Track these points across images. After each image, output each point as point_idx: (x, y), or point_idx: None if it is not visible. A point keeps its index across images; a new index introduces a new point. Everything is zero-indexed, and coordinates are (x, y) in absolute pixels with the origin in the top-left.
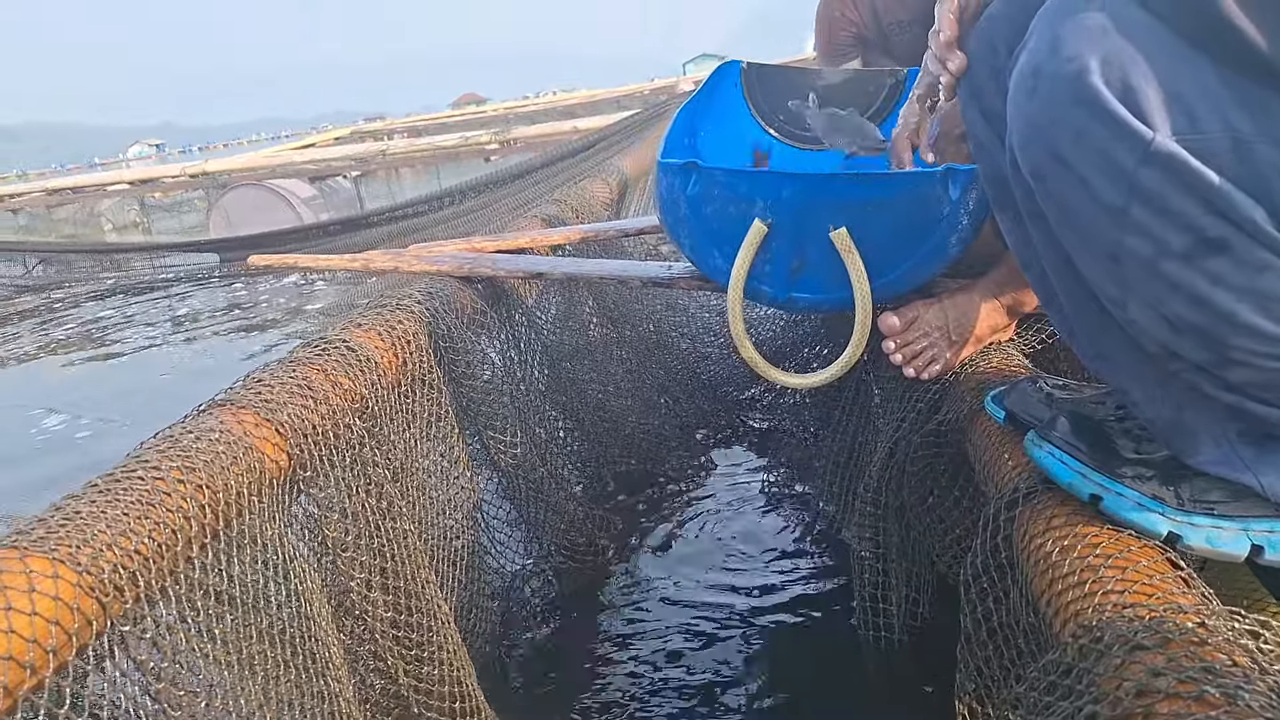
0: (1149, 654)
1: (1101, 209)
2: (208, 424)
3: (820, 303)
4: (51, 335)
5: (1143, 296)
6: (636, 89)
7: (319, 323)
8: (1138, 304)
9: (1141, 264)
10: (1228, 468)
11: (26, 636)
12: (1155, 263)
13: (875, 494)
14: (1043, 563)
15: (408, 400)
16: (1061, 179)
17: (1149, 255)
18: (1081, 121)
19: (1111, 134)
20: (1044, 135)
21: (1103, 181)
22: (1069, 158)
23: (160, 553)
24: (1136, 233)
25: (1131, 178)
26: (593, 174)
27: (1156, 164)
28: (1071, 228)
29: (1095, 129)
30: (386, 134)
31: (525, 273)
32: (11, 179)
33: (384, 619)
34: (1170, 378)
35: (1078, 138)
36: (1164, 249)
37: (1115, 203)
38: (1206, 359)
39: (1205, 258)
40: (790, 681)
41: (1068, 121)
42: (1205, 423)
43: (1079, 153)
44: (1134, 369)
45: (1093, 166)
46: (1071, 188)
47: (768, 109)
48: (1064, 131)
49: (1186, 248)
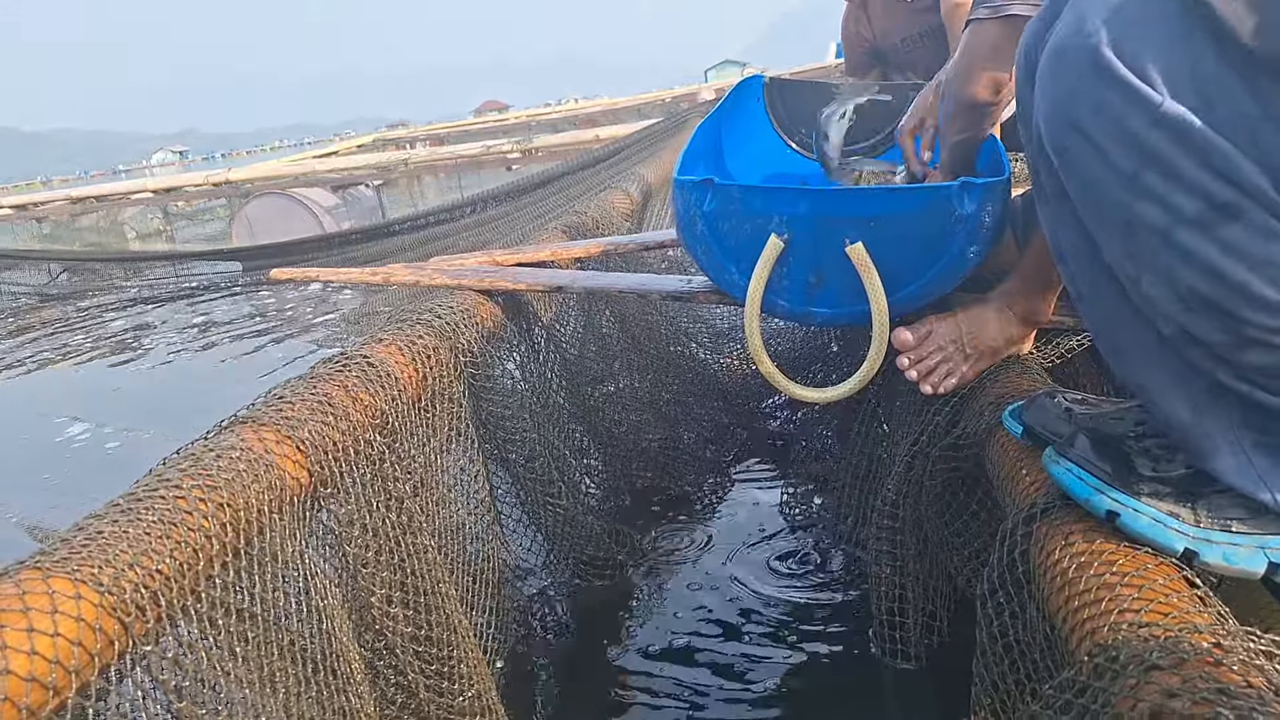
0: (1164, 674)
1: (1116, 176)
2: (229, 441)
3: (838, 317)
4: (75, 343)
5: (1156, 269)
6: (658, 97)
7: (341, 330)
8: (1152, 278)
9: (1154, 232)
10: (1242, 479)
11: (49, 658)
12: (1168, 231)
13: (893, 508)
14: (1059, 579)
15: (428, 415)
16: (1081, 150)
17: (1162, 223)
18: (1099, 91)
19: (1124, 99)
20: (1064, 108)
21: (1117, 149)
22: (1087, 127)
23: (182, 572)
24: (1149, 198)
25: (1143, 142)
26: (614, 183)
27: (1166, 126)
28: (1090, 200)
29: (1111, 97)
30: (409, 142)
31: (545, 286)
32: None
33: (404, 634)
34: (1187, 373)
35: (1096, 108)
36: (1176, 215)
37: (1128, 168)
38: (1221, 340)
39: (1216, 225)
40: (807, 696)
41: (1086, 91)
42: (1220, 427)
43: (1097, 121)
44: (1150, 364)
45: (1107, 134)
46: (1090, 158)
47: (790, 123)
48: (1083, 102)
49: (1197, 213)
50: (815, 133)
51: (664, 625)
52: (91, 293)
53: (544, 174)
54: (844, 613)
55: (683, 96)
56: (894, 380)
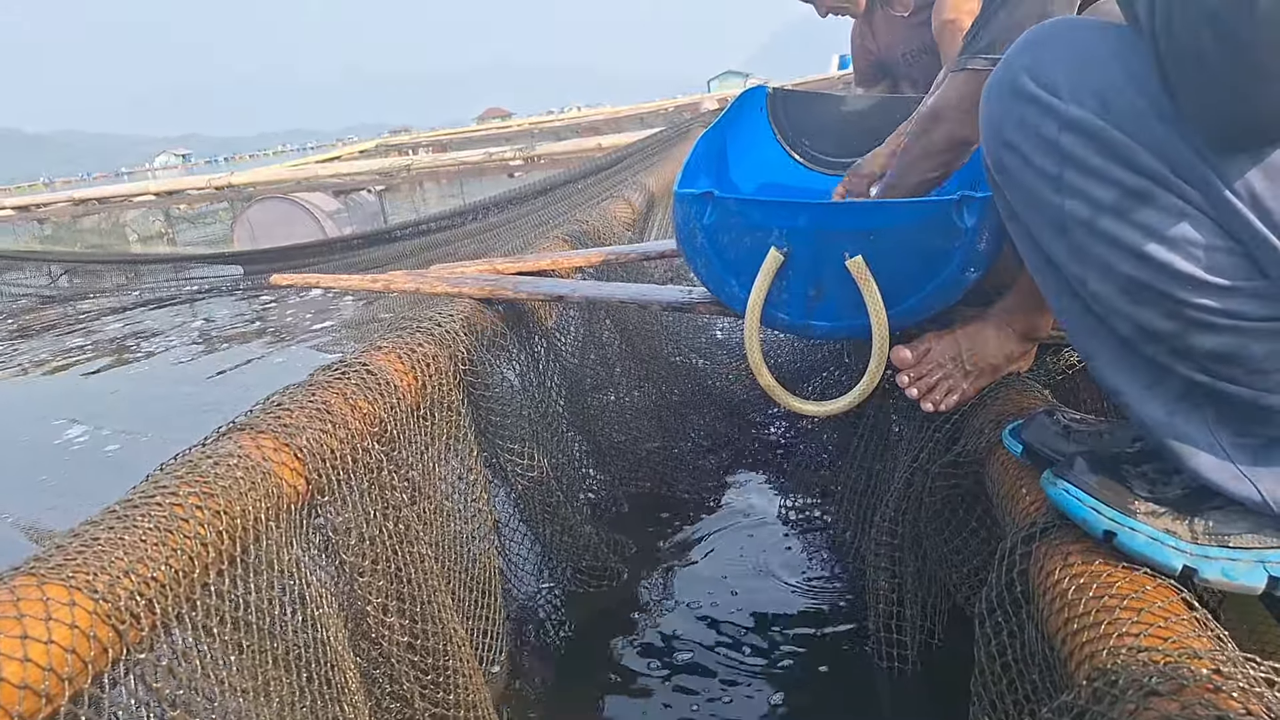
0: (1163, 700)
1: (1043, 179)
2: (226, 448)
3: (837, 330)
4: (75, 346)
5: (1095, 264)
6: (660, 106)
7: (341, 336)
8: (1094, 275)
9: (1083, 226)
10: (1222, 476)
11: (43, 665)
12: (1094, 222)
13: (892, 523)
14: (1058, 600)
15: (426, 423)
16: (1013, 162)
17: (1087, 215)
18: (1018, 108)
19: (1038, 111)
20: (996, 128)
21: (1038, 154)
22: (1014, 140)
23: (177, 579)
24: (1072, 194)
25: (1057, 144)
26: (617, 191)
27: (1073, 130)
28: (1030, 208)
29: (1027, 111)
30: (411, 148)
31: (546, 295)
32: (39, 188)
33: (400, 643)
34: (1156, 374)
35: (1018, 123)
36: (1097, 205)
37: (1052, 170)
38: (1169, 329)
39: (1132, 210)
40: (803, 709)
41: (1009, 111)
42: (1196, 427)
43: (1019, 133)
44: (1120, 368)
45: (1030, 144)
46: (1021, 168)
47: (793, 134)
48: (1007, 120)
49: (1114, 201)
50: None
51: (661, 634)
52: (92, 295)
53: (546, 181)
54: (842, 624)
55: (685, 106)
56: (893, 394)
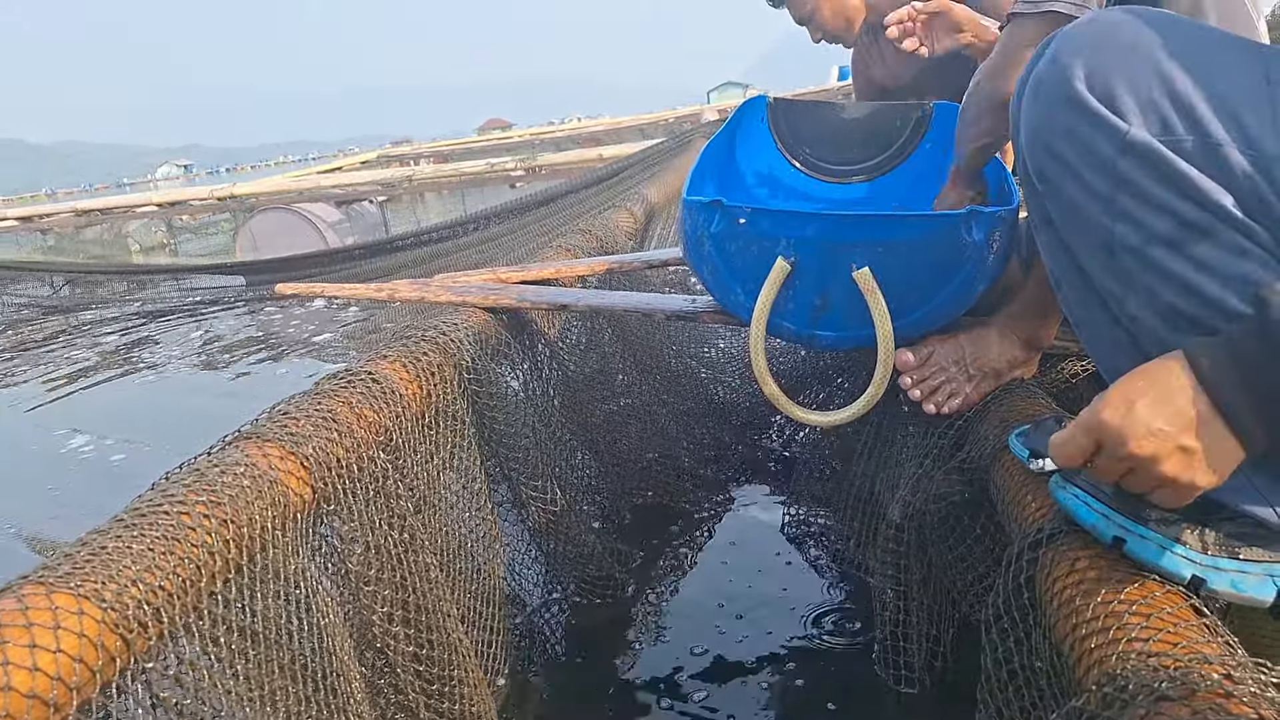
0: (1174, 705)
1: (1093, 199)
2: (233, 457)
3: (843, 341)
4: (77, 356)
5: (1139, 289)
6: (661, 117)
7: (346, 346)
8: (1136, 299)
9: (1132, 253)
10: (1241, 498)
11: (51, 674)
12: (1144, 250)
13: (897, 531)
14: (1066, 606)
15: (431, 432)
16: (1059, 174)
17: (1138, 243)
18: (1071, 120)
19: (1094, 128)
20: (1042, 135)
21: (1091, 173)
22: (1063, 152)
23: (184, 588)
24: (1124, 220)
25: (1113, 167)
26: (618, 202)
27: (1133, 154)
28: (1072, 223)
29: (1081, 126)
30: (413, 158)
31: (549, 304)
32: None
33: (406, 653)
34: None
35: (1068, 134)
36: (1150, 235)
37: (1103, 191)
38: None
39: (1187, 243)
40: (808, 718)
41: (1059, 120)
42: None
43: (1070, 147)
44: None
45: (1081, 160)
46: (1068, 182)
47: (793, 142)
48: (1057, 129)
49: (1169, 233)
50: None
51: (664, 644)
52: (94, 305)
53: (547, 192)
54: (847, 635)
55: (686, 117)
56: (899, 404)
